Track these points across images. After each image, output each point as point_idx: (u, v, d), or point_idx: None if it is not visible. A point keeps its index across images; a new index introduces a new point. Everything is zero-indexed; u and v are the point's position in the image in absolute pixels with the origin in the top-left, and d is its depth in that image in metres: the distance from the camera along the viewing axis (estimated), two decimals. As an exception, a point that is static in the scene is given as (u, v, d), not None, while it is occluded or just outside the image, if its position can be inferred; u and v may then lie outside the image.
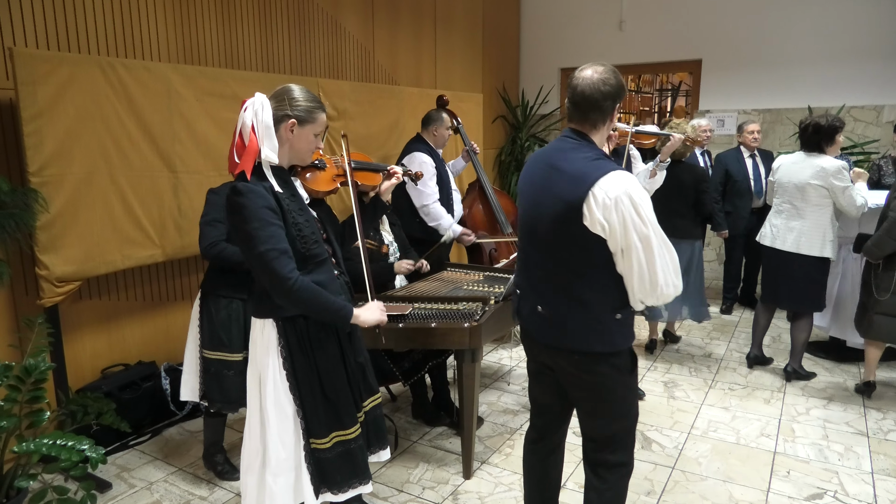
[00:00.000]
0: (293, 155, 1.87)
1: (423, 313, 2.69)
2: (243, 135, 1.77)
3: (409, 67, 5.03)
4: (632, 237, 1.64)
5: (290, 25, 3.91)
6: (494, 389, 3.70)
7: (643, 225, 1.64)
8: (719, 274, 5.84)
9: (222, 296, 2.58)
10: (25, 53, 2.47)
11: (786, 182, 3.54)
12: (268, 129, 1.75)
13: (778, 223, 3.60)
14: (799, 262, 3.50)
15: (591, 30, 6.25)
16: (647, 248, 1.65)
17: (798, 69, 5.50)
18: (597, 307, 1.75)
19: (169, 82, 2.98)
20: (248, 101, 1.77)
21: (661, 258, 1.66)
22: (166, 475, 2.78)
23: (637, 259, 1.66)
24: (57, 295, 2.63)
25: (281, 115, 1.79)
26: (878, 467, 2.81)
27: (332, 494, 1.91)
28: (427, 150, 3.75)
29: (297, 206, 1.85)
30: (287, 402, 1.85)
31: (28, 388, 2.21)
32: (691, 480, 2.71)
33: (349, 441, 1.92)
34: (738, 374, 3.89)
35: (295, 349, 1.84)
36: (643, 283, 1.68)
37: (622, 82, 1.77)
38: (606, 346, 1.78)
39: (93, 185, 2.73)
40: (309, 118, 1.82)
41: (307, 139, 1.84)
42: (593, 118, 1.76)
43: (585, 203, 1.65)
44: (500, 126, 6.50)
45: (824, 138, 3.42)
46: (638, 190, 1.67)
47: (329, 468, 1.89)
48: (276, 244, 1.71)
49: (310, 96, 1.84)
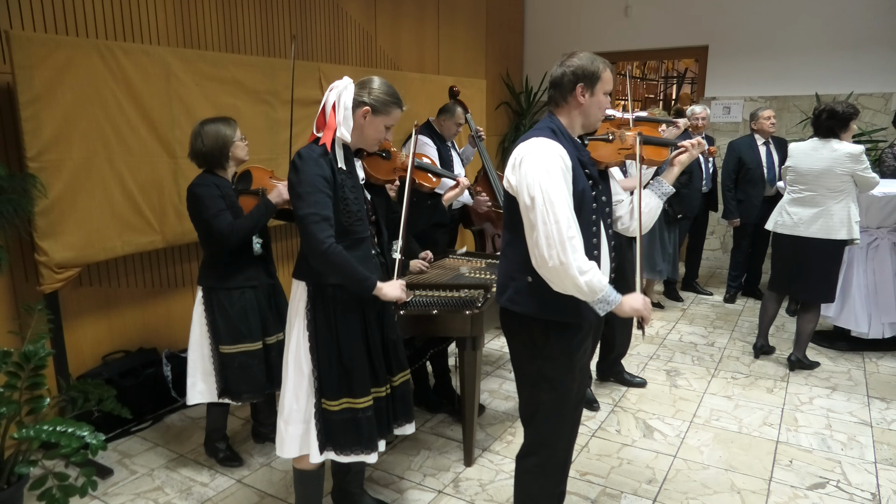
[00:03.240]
0: (362, 140, 2.01)
1: (424, 301, 2.67)
2: (325, 111, 1.94)
3: (411, 53, 4.97)
4: (524, 196, 1.72)
5: (290, 9, 3.86)
6: (496, 377, 3.69)
7: (531, 188, 1.70)
8: (723, 262, 5.80)
9: (233, 288, 2.55)
10: (22, 37, 2.44)
11: (805, 169, 3.48)
12: (346, 110, 1.93)
13: (797, 210, 3.53)
14: (822, 248, 3.46)
15: (596, 15, 6.17)
16: (532, 210, 1.69)
17: (805, 56, 5.42)
18: (514, 265, 1.86)
19: (168, 66, 2.95)
20: (334, 83, 1.94)
21: (544, 225, 1.67)
22: (167, 461, 2.78)
23: (526, 218, 1.73)
24: (56, 281, 2.63)
25: (359, 101, 1.94)
26: (881, 457, 2.80)
27: (335, 454, 2.05)
28: (430, 135, 3.77)
29: (351, 182, 1.99)
30: (305, 361, 2.00)
31: (28, 375, 2.21)
32: (693, 469, 2.71)
33: (357, 410, 2.01)
34: (741, 363, 3.87)
35: (320, 315, 1.98)
36: (532, 248, 1.72)
37: (589, 66, 1.80)
38: (516, 306, 1.85)
39: (92, 170, 2.71)
40: (383, 110, 1.96)
41: (377, 128, 1.99)
42: (554, 96, 1.86)
43: (508, 166, 1.81)
44: (503, 112, 6.45)
45: (839, 124, 3.39)
46: (539, 153, 1.72)
47: (335, 429, 2.02)
48: (320, 210, 1.84)
49: (390, 90, 1.98)
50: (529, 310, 1.83)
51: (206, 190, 2.47)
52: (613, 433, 3.01)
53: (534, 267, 1.74)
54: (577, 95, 1.81)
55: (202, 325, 2.58)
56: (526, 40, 6.68)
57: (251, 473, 2.68)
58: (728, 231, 5.34)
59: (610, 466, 2.73)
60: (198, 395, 2.62)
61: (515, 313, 1.87)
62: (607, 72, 1.83)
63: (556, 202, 1.67)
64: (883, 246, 3.87)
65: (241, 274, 2.57)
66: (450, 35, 5.40)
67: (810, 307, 3.65)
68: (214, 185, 2.48)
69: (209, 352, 2.58)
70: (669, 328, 4.52)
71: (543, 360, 1.86)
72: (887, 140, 5.00)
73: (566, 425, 1.97)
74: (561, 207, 1.67)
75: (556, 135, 1.78)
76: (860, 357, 3.93)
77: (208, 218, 2.46)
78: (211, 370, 2.59)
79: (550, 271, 1.70)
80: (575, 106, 1.83)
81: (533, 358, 1.88)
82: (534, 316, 1.83)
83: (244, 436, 2.99)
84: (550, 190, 1.67)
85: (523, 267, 1.81)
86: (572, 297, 1.76)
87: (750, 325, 4.57)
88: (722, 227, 5.90)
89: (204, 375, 2.60)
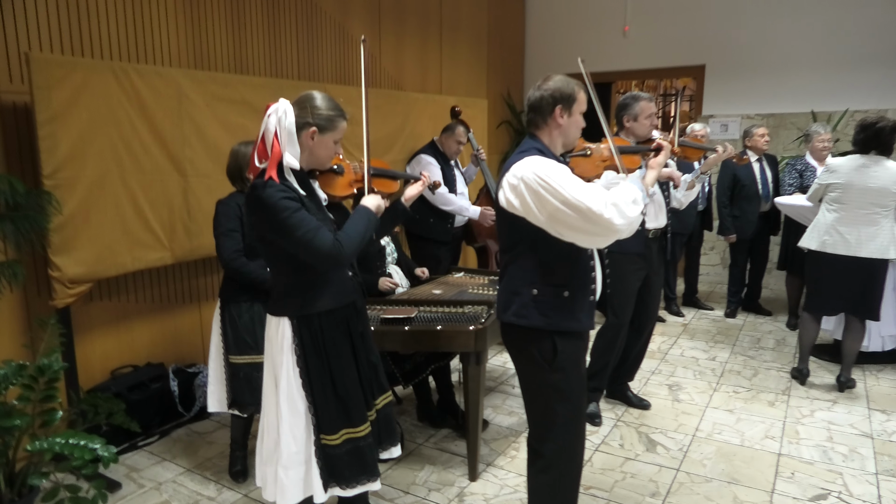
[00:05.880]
0: (313, 160, 1.92)
1: (428, 316, 2.72)
2: (266, 140, 1.82)
3: (414, 73, 5.08)
4: (551, 204, 1.75)
5: (298, 32, 3.96)
6: (499, 392, 3.72)
7: (555, 191, 1.73)
8: (724, 278, 5.85)
9: (242, 301, 2.60)
10: (41, 58, 2.52)
11: (859, 186, 3.34)
12: (290, 135, 1.80)
13: (850, 230, 3.39)
14: (881, 268, 3.42)
15: (595, 36, 6.29)
16: (566, 203, 1.72)
17: (801, 74, 5.52)
18: (517, 280, 1.91)
19: (180, 87, 3.03)
20: (272, 107, 1.80)
21: (583, 195, 1.72)
22: (175, 476, 2.80)
23: (564, 218, 1.74)
24: (69, 296, 2.67)
25: (303, 122, 1.83)
26: (882, 468, 2.82)
27: (341, 489, 1.97)
28: (433, 154, 3.84)
29: (314, 206, 1.92)
30: (299, 398, 1.91)
31: (41, 388, 2.25)
32: (696, 482, 2.73)
33: (358, 439, 1.96)
34: (743, 377, 3.90)
35: (309, 348, 1.89)
36: (584, 225, 1.74)
37: (566, 88, 1.91)
38: (523, 320, 1.89)
39: (105, 187, 2.78)
40: (329, 126, 1.87)
41: (327, 146, 1.90)
42: (534, 119, 1.95)
43: (501, 189, 1.87)
44: (504, 131, 6.54)
45: (892, 140, 3.33)
46: (542, 165, 1.79)
47: (338, 464, 1.94)
48: (309, 224, 1.77)
49: (331, 104, 1.89)
50: (537, 322, 1.88)
51: (224, 207, 2.57)
52: (617, 447, 3.03)
53: (612, 237, 1.77)
54: (556, 117, 1.90)
55: (218, 335, 2.64)
56: (527, 60, 6.80)
57: (257, 488, 2.69)
58: (727, 247, 5.40)
59: (614, 480, 2.75)
60: (215, 404, 2.69)
61: (521, 330, 1.91)
62: (581, 93, 1.94)
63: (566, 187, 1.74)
64: (881, 260, 3.91)
65: (252, 288, 2.61)
66: (452, 56, 5.51)
67: (858, 326, 3.58)
68: (236, 205, 2.56)
69: (223, 362, 2.63)
70: (671, 343, 4.55)
71: (554, 373, 1.91)
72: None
73: (583, 431, 2.04)
74: (573, 186, 1.74)
75: (543, 154, 1.88)
76: (860, 370, 3.96)
77: (217, 234, 2.55)
78: (224, 380, 2.65)
79: (623, 229, 1.75)
80: (555, 127, 1.92)
81: (544, 372, 1.91)
82: (541, 328, 1.88)
83: (250, 449, 3.01)
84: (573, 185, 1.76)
85: (528, 281, 1.88)
86: (573, 306, 1.87)
87: (751, 339, 4.60)
88: (722, 244, 5.95)
89: (219, 385, 2.67)
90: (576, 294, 1.89)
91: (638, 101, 2.98)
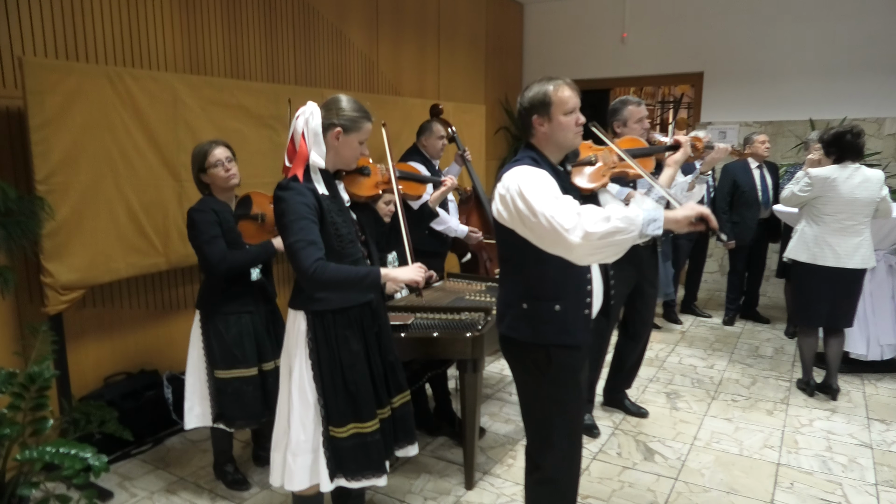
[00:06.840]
0: (339, 160, 1.99)
1: (425, 323, 2.69)
2: (294, 140, 1.91)
3: (412, 79, 5.07)
4: (524, 214, 1.70)
5: (295, 36, 3.95)
6: (496, 400, 3.69)
7: (527, 201, 1.68)
8: (722, 285, 5.84)
9: (229, 313, 2.55)
10: (35, 63, 2.50)
11: (849, 198, 3.32)
12: (316, 135, 1.90)
13: (840, 241, 3.38)
14: (861, 277, 3.45)
15: (593, 43, 6.29)
16: (535, 213, 1.66)
17: (799, 81, 5.53)
18: (510, 293, 1.92)
19: (175, 92, 3.01)
20: (300, 109, 1.91)
21: (549, 209, 1.64)
22: (168, 484, 2.77)
23: (536, 228, 1.68)
24: (61, 303, 2.65)
25: (328, 123, 1.92)
26: (881, 478, 2.80)
27: (346, 481, 2.03)
28: (419, 160, 3.75)
29: (336, 207, 1.98)
30: (310, 390, 1.98)
31: (32, 396, 2.21)
32: (694, 492, 2.70)
33: (366, 434, 2.02)
34: (741, 386, 3.88)
35: (321, 342, 1.97)
36: (553, 237, 1.65)
37: (537, 94, 1.85)
38: (514, 332, 1.89)
39: (98, 193, 2.75)
40: (354, 127, 1.94)
41: (352, 146, 1.97)
42: (523, 130, 1.95)
43: (493, 201, 1.85)
44: (502, 137, 6.53)
45: (860, 145, 3.37)
46: (525, 175, 1.75)
47: (345, 456, 2.01)
48: (305, 236, 1.82)
49: (356, 106, 1.96)
50: (527, 335, 1.87)
51: (202, 215, 2.48)
52: (614, 456, 3.01)
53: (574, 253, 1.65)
54: (535, 126, 1.87)
55: (199, 348, 2.58)
56: (525, 66, 6.80)
57: (251, 497, 2.67)
58: (726, 254, 5.39)
59: (611, 489, 2.72)
60: (195, 419, 2.61)
61: (516, 341, 1.91)
62: (559, 92, 1.81)
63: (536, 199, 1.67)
64: (880, 268, 3.90)
65: (237, 300, 2.57)
66: (450, 61, 5.50)
67: (839, 334, 3.61)
68: (212, 210, 2.50)
69: (205, 376, 2.58)
70: (669, 350, 4.53)
71: (550, 384, 1.89)
72: (881, 164, 5.08)
73: (580, 441, 2.03)
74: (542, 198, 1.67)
75: (537, 163, 1.84)
76: (859, 379, 3.94)
77: (200, 244, 2.48)
78: (207, 394, 2.59)
79: (581, 248, 1.60)
80: (541, 134, 1.89)
81: (540, 383, 1.90)
82: (532, 341, 1.86)
83: (244, 458, 2.98)
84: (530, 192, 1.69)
85: (519, 294, 1.88)
86: (565, 319, 1.82)
87: (749, 347, 4.59)
88: (720, 250, 5.94)
89: (201, 399, 2.60)
90: (568, 308, 1.85)
91: (626, 106, 2.97)
